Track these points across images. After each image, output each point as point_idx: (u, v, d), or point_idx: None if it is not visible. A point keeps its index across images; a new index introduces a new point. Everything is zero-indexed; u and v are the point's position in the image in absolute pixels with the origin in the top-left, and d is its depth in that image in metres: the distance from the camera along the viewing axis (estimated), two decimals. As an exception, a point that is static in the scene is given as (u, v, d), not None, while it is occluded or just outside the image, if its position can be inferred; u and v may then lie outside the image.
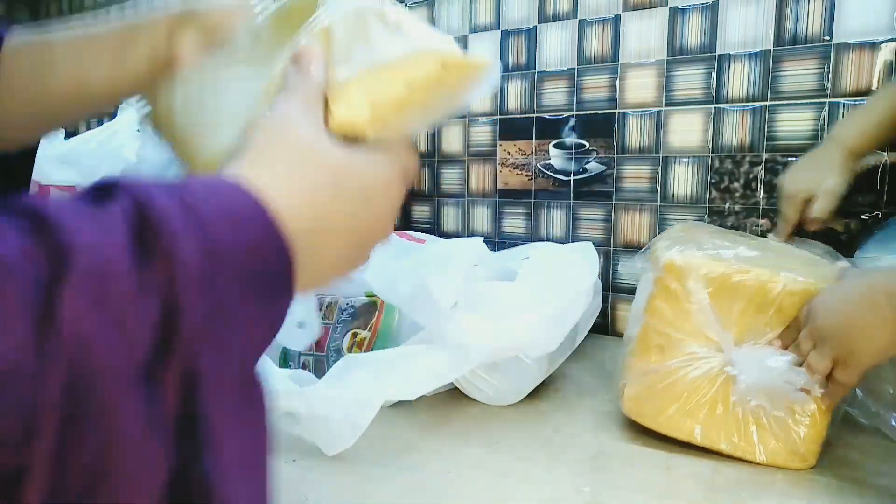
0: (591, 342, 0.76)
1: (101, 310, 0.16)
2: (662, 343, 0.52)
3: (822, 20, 0.71)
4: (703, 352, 0.50)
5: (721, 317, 0.49)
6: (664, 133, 0.82)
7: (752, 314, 0.49)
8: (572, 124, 0.89)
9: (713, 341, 0.50)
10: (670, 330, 0.51)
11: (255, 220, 0.21)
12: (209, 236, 0.19)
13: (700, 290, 0.50)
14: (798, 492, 0.46)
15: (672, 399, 0.51)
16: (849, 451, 0.52)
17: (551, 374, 0.66)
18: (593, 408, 0.61)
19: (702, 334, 0.50)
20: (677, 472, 0.48)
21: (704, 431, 0.50)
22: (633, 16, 0.83)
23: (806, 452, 0.48)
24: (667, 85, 0.81)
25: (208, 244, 0.19)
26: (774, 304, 0.48)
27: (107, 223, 0.17)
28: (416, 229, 1.06)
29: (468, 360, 0.53)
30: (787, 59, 0.73)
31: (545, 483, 0.46)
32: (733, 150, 0.78)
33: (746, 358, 0.48)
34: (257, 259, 0.21)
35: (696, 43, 0.79)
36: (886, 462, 0.50)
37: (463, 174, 1.00)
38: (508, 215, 0.96)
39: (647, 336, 0.53)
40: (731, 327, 0.49)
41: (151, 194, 0.18)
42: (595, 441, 0.54)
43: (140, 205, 0.18)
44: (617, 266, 0.87)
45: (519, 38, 0.93)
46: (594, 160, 0.88)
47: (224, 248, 0.19)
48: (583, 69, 0.87)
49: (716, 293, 0.50)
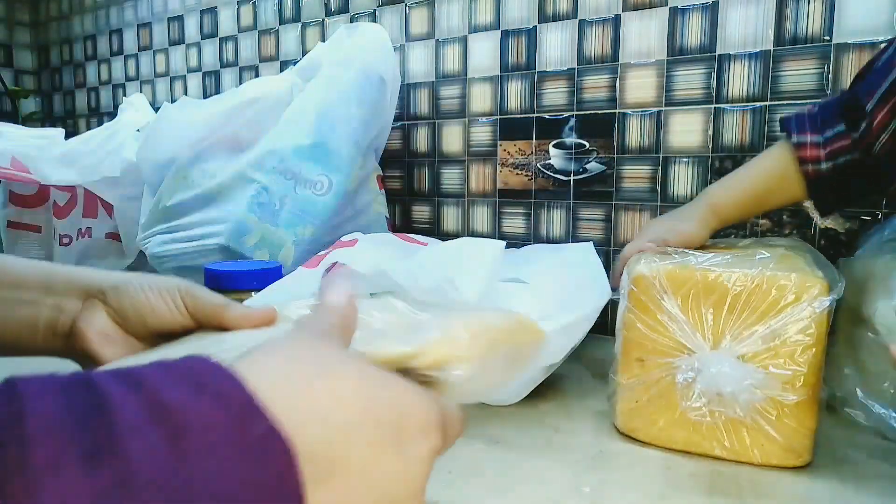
0: (591, 342, 0.76)
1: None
2: (641, 356, 0.52)
3: (822, 20, 0.71)
4: (679, 361, 0.50)
5: (695, 322, 0.49)
6: (664, 133, 0.82)
7: (726, 314, 0.49)
8: (572, 124, 0.89)
9: (689, 349, 0.50)
10: (647, 342, 0.51)
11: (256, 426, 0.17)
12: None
13: (669, 298, 0.50)
14: (798, 491, 0.46)
15: (659, 411, 0.51)
16: (849, 451, 0.52)
17: (551, 374, 0.66)
18: (593, 408, 0.61)
19: (677, 343, 0.50)
20: (677, 472, 0.48)
21: (696, 440, 0.50)
22: (633, 16, 0.83)
23: (799, 448, 0.48)
24: (667, 85, 0.81)
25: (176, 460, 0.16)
26: (745, 300, 0.48)
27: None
28: (415, 229, 1.06)
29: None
30: (787, 59, 0.73)
31: (545, 483, 0.46)
32: (733, 150, 0.78)
33: (705, 364, 0.48)
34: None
35: (696, 43, 0.79)
36: (886, 462, 0.50)
37: (463, 174, 1.00)
38: (508, 215, 0.96)
39: (626, 350, 0.53)
40: (707, 331, 0.49)
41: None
42: (595, 441, 0.54)
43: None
44: (617, 266, 0.87)
45: (519, 38, 0.93)
46: (594, 160, 0.88)
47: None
48: (583, 69, 0.87)
49: (686, 300, 0.50)
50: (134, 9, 1.47)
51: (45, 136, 1.14)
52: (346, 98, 0.87)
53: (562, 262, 0.73)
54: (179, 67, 1.40)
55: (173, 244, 0.89)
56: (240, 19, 1.26)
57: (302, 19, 1.16)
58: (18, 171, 1.01)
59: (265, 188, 0.83)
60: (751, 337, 0.48)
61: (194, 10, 1.35)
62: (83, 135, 1.12)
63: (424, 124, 1.03)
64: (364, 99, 0.88)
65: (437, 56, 1.01)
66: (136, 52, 1.48)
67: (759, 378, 0.47)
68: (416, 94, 1.04)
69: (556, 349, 0.57)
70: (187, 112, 0.92)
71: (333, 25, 1.12)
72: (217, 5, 1.30)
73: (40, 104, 1.75)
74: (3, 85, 1.61)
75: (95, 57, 1.58)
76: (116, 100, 1.54)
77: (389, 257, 0.61)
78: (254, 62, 1.25)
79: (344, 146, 0.86)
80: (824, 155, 0.58)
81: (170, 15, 1.39)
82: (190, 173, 0.90)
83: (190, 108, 0.93)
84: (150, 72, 1.46)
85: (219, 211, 0.85)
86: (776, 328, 0.47)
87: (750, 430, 0.49)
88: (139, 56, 1.48)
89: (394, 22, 1.05)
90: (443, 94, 1.01)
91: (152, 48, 1.44)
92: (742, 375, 0.47)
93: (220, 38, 1.30)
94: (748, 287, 0.48)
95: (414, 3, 1.02)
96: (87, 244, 1.17)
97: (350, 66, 0.88)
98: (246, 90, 0.92)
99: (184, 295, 0.39)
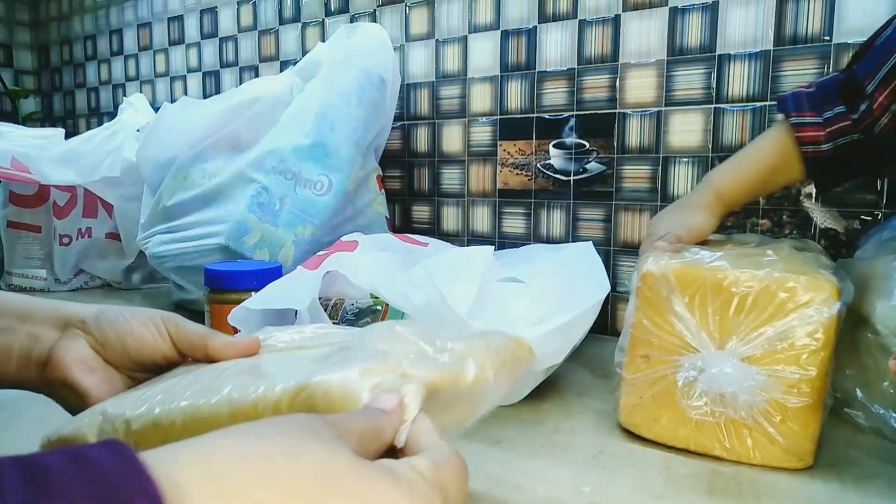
0: (591, 342, 0.76)
1: None
2: (647, 353, 0.52)
3: (822, 20, 0.71)
4: (685, 359, 0.50)
5: (701, 322, 0.49)
6: (664, 133, 0.82)
7: (733, 315, 0.49)
8: (572, 124, 0.89)
9: (694, 348, 0.50)
10: (653, 339, 0.51)
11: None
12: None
13: (676, 297, 0.50)
14: (798, 491, 0.46)
15: (662, 408, 0.51)
16: (849, 451, 0.52)
17: (551, 374, 0.66)
18: (593, 408, 0.61)
19: (683, 341, 0.50)
20: (677, 472, 0.48)
21: (698, 438, 0.50)
22: (633, 16, 0.83)
23: (802, 451, 0.48)
24: (667, 85, 0.81)
25: None
26: (752, 302, 0.48)
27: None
28: (415, 229, 1.06)
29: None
30: (787, 59, 0.73)
31: (545, 483, 0.46)
32: (733, 150, 0.78)
33: (708, 364, 0.48)
34: None
35: (696, 43, 0.79)
36: (887, 462, 0.50)
37: (463, 174, 1.00)
38: (508, 215, 0.96)
39: (633, 347, 0.53)
40: (713, 331, 0.49)
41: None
42: (595, 441, 0.54)
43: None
44: (617, 266, 0.87)
45: (519, 38, 0.93)
46: (594, 160, 0.88)
47: None
48: (583, 69, 0.87)
49: (693, 299, 0.50)
50: (134, 9, 1.47)
51: (45, 136, 1.14)
52: (346, 98, 0.87)
53: (560, 261, 0.73)
54: (179, 67, 1.40)
55: (173, 244, 0.89)
56: (240, 19, 1.26)
57: (302, 19, 1.16)
58: (18, 171, 1.01)
59: (265, 188, 0.83)
60: (757, 339, 0.47)
61: (194, 10, 1.35)
62: (83, 135, 1.12)
63: (424, 124, 1.03)
64: (364, 99, 0.88)
65: (437, 56, 1.01)
66: (136, 52, 1.48)
67: (761, 380, 0.47)
68: (416, 94, 1.04)
69: (555, 349, 0.57)
70: (187, 112, 0.92)
71: (333, 25, 1.12)
72: (217, 5, 1.30)
73: (40, 104, 1.75)
74: (3, 85, 1.61)
75: (95, 57, 1.58)
76: (116, 100, 1.54)
77: (388, 261, 0.61)
78: (254, 62, 1.25)
79: (344, 146, 0.86)
80: (824, 136, 0.57)
81: (170, 15, 1.39)
82: (190, 173, 0.90)
83: (190, 107, 0.93)
84: (150, 72, 1.46)
85: (219, 211, 0.85)
86: (783, 331, 0.47)
87: (752, 431, 0.48)
88: (139, 56, 1.48)
89: (394, 22, 1.05)
90: (443, 94, 1.01)
91: (152, 48, 1.44)
92: (744, 377, 0.47)
93: (220, 38, 1.30)
94: (756, 288, 0.48)
95: (414, 3, 1.02)
96: (87, 244, 1.17)
97: (350, 66, 0.88)
98: (246, 90, 0.92)
99: (167, 323, 0.39)
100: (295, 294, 0.58)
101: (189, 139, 0.90)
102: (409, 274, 0.56)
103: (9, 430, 0.54)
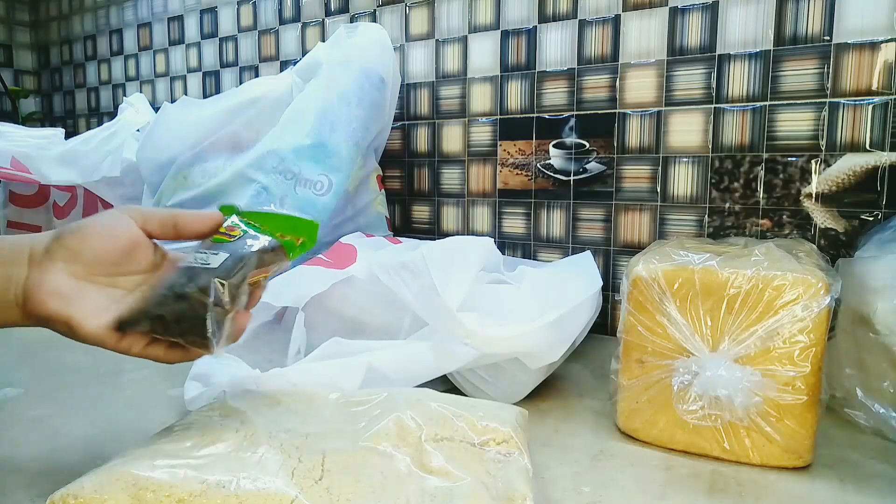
0: (591, 342, 0.76)
1: None
2: (641, 357, 0.52)
3: (822, 20, 0.71)
4: (679, 363, 0.50)
5: (694, 324, 0.49)
6: (664, 133, 0.82)
7: (724, 315, 0.49)
8: (572, 124, 0.89)
9: (688, 351, 0.50)
10: (646, 343, 0.51)
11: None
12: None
13: (668, 300, 0.50)
14: (798, 491, 0.46)
15: (659, 412, 0.51)
16: (849, 451, 0.52)
17: (551, 374, 0.66)
18: (593, 408, 0.61)
19: (676, 344, 0.50)
20: (677, 472, 0.48)
21: (696, 441, 0.50)
22: (633, 16, 0.83)
23: (801, 449, 0.48)
24: (667, 85, 0.81)
25: None
26: (742, 302, 0.48)
27: None
28: (416, 230, 1.06)
29: (461, 359, 0.54)
30: (787, 59, 0.73)
31: (545, 483, 0.46)
32: (733, 150, 0.78)
33: (701, 367, 0.48)
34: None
35: (696, 43, 0.79)
36: (886, 462, 0.50)
37: (463, 174, 1.00)
38: (508, 215, 0.96)
39: (627, 351, 0.53)
40: (706, 333, 0.49)
41: None
42: (595, 441, 0.54)
43: None
44: (617, 266, 0.87)
45: (519, 38, 0.93)
46: (594, 160, 0.88)
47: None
48: (583, 69, 0.87)
49: (685, 301, 0.50)
50: (134, 9, 1.47)
51: (45, 136, 1.14)
52: (346, 98, 0.87)
53: (552, 266, 0.74)
54: (179, 67, 1.40)
55: (173, 244, 0.89)
56: (240, 19, 1.26)
57: (302, 19, 1.16)
58: (18, 171, 1.01)
59: (265, 188, 0.83)
60: (749, 338, 0.47)
61: (194, 10, 1.35)
62: (83, 135, 1.12)
63: (424, 124, 1.03)
64: (364, 99, 0.88)
65: (437, 56, 1.01)
66: (136, 52, 1.48)
67: (755, 380, 0.47)
68: (416, 94, 1.04)
69: (550, 344, 0.56)
70: (187, 112, 0.92)
71: (333, 25, 1.12)
72: (217, 5, 1.30)
73: (40, 104, 1.75)
74: (3, 85, 1.61)
75: (95, 57, 1.58)
76: (116, 100, 1.54)
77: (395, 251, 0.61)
78: (254, 62, 1.25)
79: (344, 146, 0.86)
80: None
81: (170, 15, 1.39)
82: (190, 173, 0.90)
83: (190, 107, 0.93)
84: (150, 72, 1.46)
85: (219, 211, 0.85)
86: (774, 329, 0.47)
87: (750, 431, 0.48)
88: (139, 56, 1.48)
89: (394, 22, 1.05)
90: (443, 94, 1.01)
91: (152, 48, 1.44)
92: (738, 378, 0.47)
93: (220, 38, 1.30)
94: (744, 287, 0.48)
95: (414, 3, 1.02)
96: (87, 244, 1.17)
97: (350, 66, 0.88)
98: (246, 90, 0.92)
99: (130, 213, 0.40)
100: (294, 292, 0.58)
101: (189, 139, 0.90)
102: (407, 257, 0.56)
103: (9, 430, 0.54)
